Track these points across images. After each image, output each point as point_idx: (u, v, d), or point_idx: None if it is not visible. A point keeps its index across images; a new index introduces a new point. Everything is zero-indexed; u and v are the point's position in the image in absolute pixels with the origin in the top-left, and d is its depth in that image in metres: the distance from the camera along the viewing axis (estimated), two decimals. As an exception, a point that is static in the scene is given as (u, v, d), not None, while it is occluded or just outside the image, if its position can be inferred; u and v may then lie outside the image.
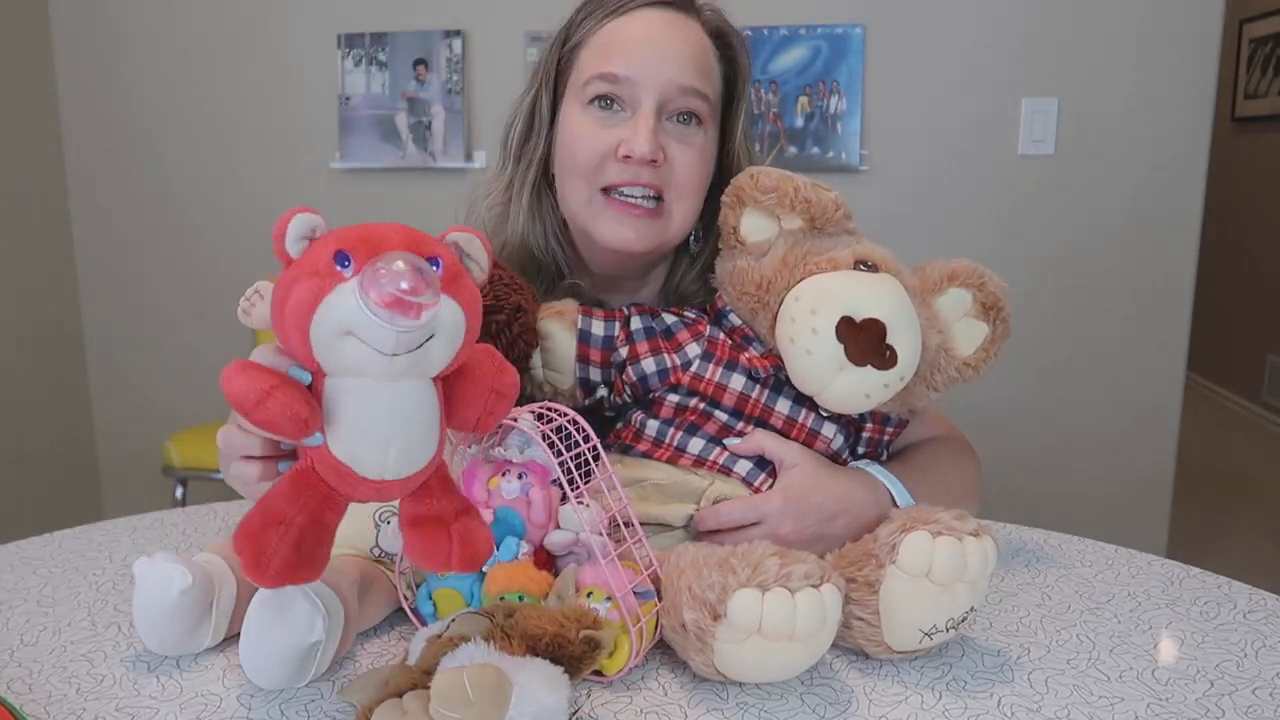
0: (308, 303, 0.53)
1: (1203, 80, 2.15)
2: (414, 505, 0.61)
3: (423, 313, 0.52)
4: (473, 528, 0.62)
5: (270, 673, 0.65)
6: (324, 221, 0.56)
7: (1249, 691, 0.70)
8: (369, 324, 0.52)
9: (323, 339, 0.53)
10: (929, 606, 0.70)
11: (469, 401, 0.60)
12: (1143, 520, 2.32)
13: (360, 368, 0.54)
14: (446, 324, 0.55)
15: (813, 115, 2.28)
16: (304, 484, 0.57)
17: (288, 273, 0.55)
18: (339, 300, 0.53)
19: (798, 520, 0.81)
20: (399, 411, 0.56)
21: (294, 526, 0.56)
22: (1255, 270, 4.26)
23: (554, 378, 0.91)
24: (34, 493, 2.56)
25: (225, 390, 0.53)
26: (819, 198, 0.85)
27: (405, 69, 2.40)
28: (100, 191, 2.63)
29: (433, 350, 0.55)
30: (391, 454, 0.56)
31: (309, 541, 0.57)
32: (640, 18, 0.93)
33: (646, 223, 0.93)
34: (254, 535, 0.56)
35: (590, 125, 0.92)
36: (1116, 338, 2.27)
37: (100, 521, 1.02)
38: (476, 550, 0.61)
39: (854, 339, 0.78)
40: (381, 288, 0.51)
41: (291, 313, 0.54)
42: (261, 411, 0.53)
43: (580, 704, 0.67)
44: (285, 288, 0.54)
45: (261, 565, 0.56)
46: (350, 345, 0.53)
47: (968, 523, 0.71)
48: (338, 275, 0.53)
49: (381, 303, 0.51)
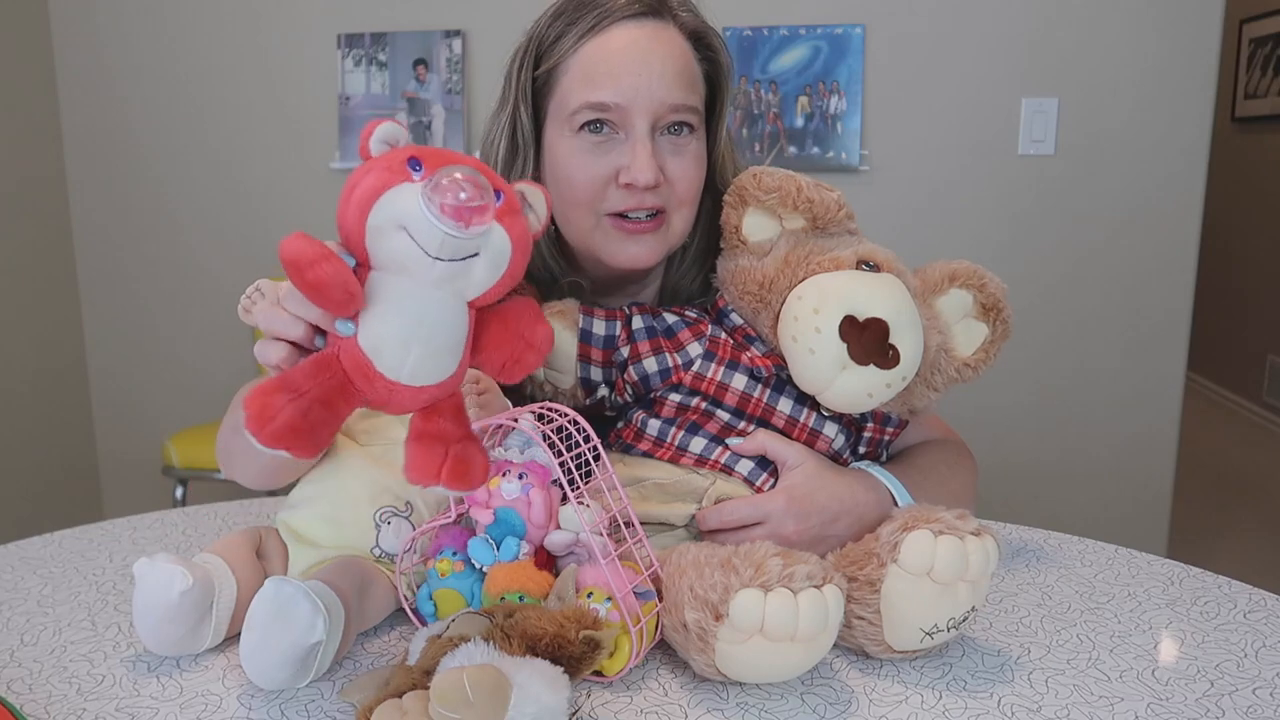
0: (374, 189, 0.57)
1: (1203, 80, 2.16)
2: (421, 421, 0.62)
3: (474, 224, 0.56)
4: (471, 452, 0.62)
5: (271, 673, 0.65)
6: (407, 136, 0.61)
7: (1249, 691, 0.70)
8: (422, 221, 0.56)
9: (377, 226, 0.57)
10: (930, 606, 0.70)
11: (498, 344, 0.62)
12: (1143, 520, 2.32)
13: (404, 263, 0.58)
14: (493, 247, 0.58)
15: (813, 115, 2.28)
16: (325, 365, 0.59)
17: (364, 166, 0.59)
18: (401, 195, 0.57)
19: (800, 520, 0.81)
20: (428, 317, 0.59)
21: (305, 396, 0.58)
22: (1255, 270, 4.26)
23: (555, 377, 0.91)
24: (34, 493, 2.56)
25: (283, 250, 0.55)
26: (821, 197, 0.85)
27: (405, 69, 2.40)
28: (100, 191, 2.63)
29: (475, 269, 0.58)
30: (411, 355, 0.58)
31: (315, 415, 0.58)
32: (619, 35, 0.90)
33: (652, 236, 0.92)
34: (264, 394, 0.57)
35: (584, 154, 0.90)
36: (1117, 338, 2.27)
37: (100, 521, 1.02)
38: (469, 470, 0.62)
39: (857, 338, 0.78)
40: (442, 190, 0.56)
41: (357, 198, 0.58)
42: (315, 271, 0.55)
43: (580, 704, 0.67)
44: (359, 176, 0.58)
45: (264, 420, 0.56)
46: (400, 239, 0.57)
47: (969, 522, 0.71)
48: (407, 174, 0.58)
49: (439, 204, 0.55)
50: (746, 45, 2.27)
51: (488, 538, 0.74)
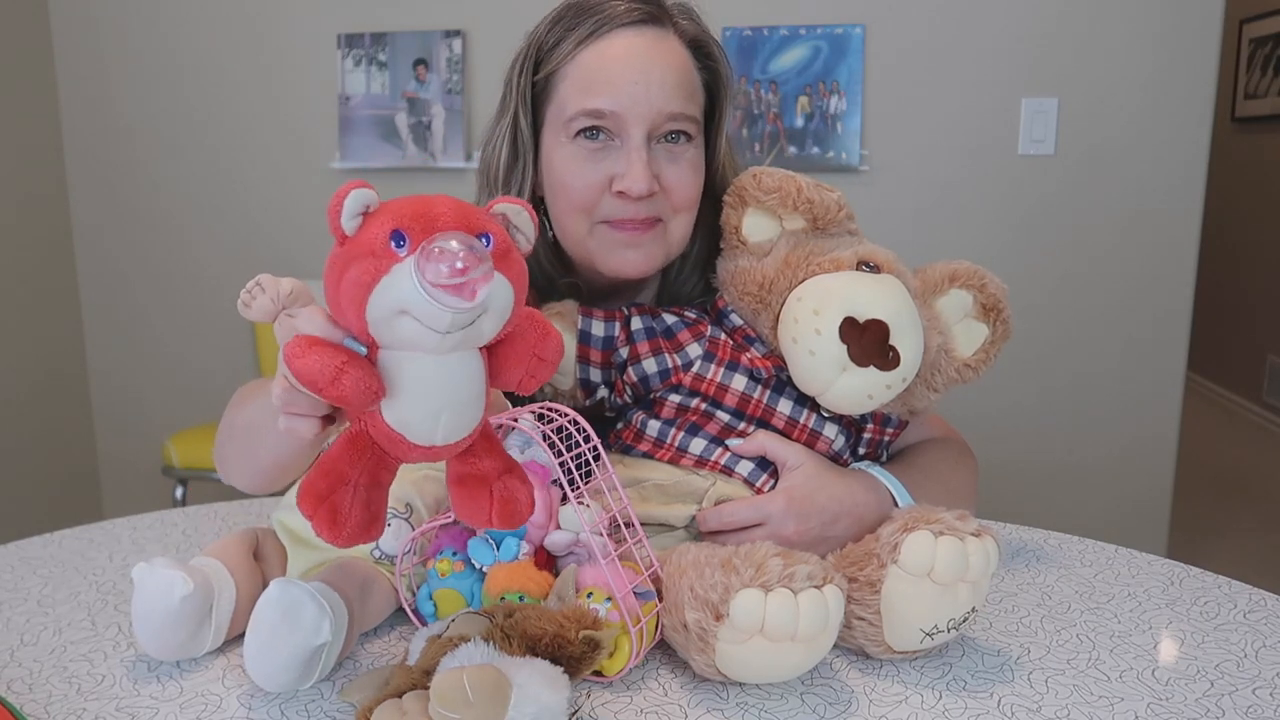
0: (365, 283, 0.54)
1: (1203, 80, 2.16)
2: (459, 465, 0.62)
3: (477, 294, 0.53)
4: (514, 486, 0.62)
5: (276, 676, 0.65)
6: (377, 196, 0.56)
7: (1249, 691, 0.70)
8: (425, 304, 0.53)
9: (379, 318, 0.54)
10: (930, 606, 0.70)
11: (511, 365, 0.61)
12: (1143, 520, 2.32)
13: (415, 344, 0.55)
14: (497, 300, 0.56)
15: (813, 115, 2.28)
16: (361, 446, 0.58)
17: (344, 250, 0.55)
18: (395, 281, 0.53)
19: (801, 521, 0.81)
20: (449, 383, 0.57)
21: (360, 487, 0.58)
22: (1255, 270, 4.26)
23: (554, 378, 0.90)
24: (34, 493, 2.56)
25: (294, 367, 0.54)
26: (821, 198, 0.85)
27: (405, 69, 2.40)
28: (100, 191, 2.63)
29: (483, 326, 0.56)
30: (441, 423, 0.58)
31: (375, 501, 0.59)
32: (618, 41, 0.89)
33: (649, 240, 0.91)
34: (324, 498, 0.57)
35: (579, 160, 0.90)
36: (1116, 338, 2.27)
37: (100, 521, 1.02)
38: (517, 507, 0.62)
39: (857, 340, 0.78)
40: (439, 271, 0.52)
41: (347, 291, 0.55)
42: (336, 388, 0.54)
43: (580, 704, 0.67)
44: (341, 267, 0.55)
45: (338, 525, 0.57)
46: (406, 324, 0.54)
47: (970, 523, 0.71)
48: (393, 255, 0.54)
49: (438, 285, 0.52)
50: (746, 45, 2.27)
51: (488, 538, 0.74)
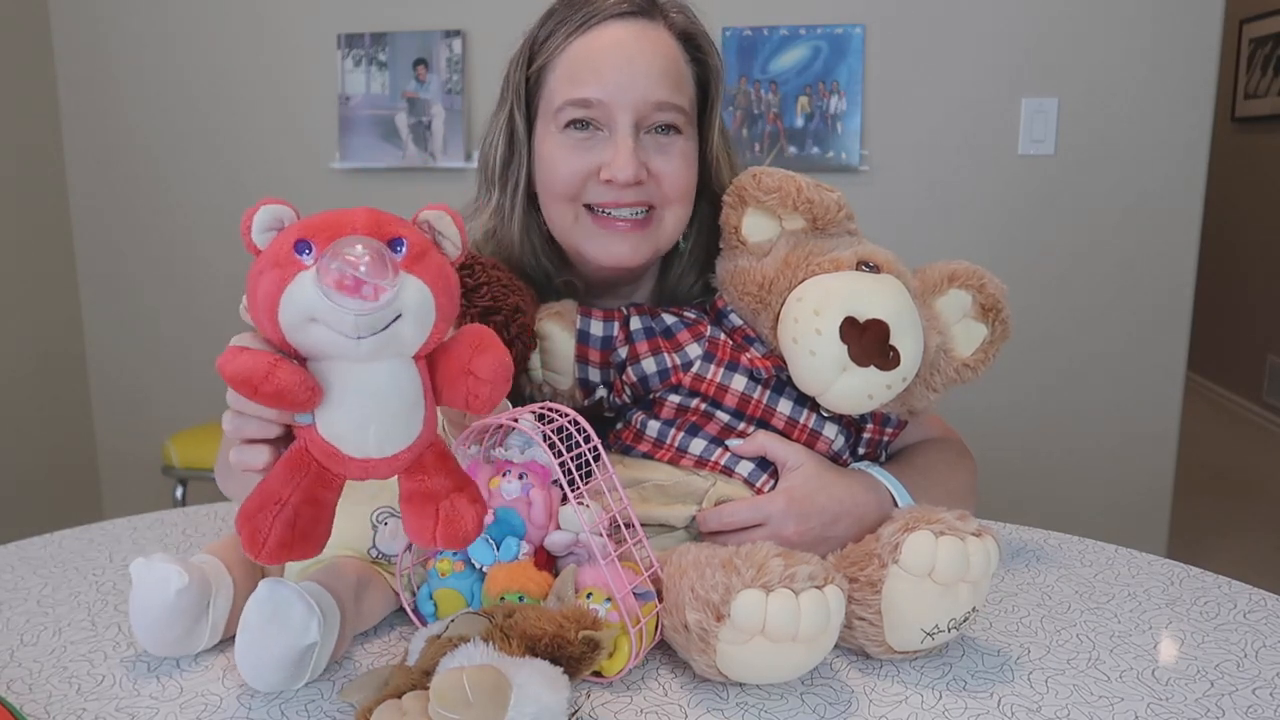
0: (272, 293, 0.55)
1: (1203, 80, 2.15)
2: (408, 481, 0.62)
3: (380, 294, 0.53)
4: (461, 506, 0.61)
5: (265, 675, 0.65)
6: (293, 213, 0.57)
7: (1249, 691, 0.70)
8: (328, 308, 0.53)
9: (290, 326, 0.55)
10: (931, 606, 0.70)
11: (448, 382, 0.60)
12: (1143, 520, 2.32)
13: (330, 350, 0.56)
14: (412, 304, 0.55)
15: (813, 115, 2.28)
16: (297, 464, 0.59)
17: (256, 265, 0.57)
18: (299, 288, 0.54)
19: (801, 522, 0.81)
20: (374, 391, 0.57)
21: (289, 505, 0.58)
22: (1255, 270, 4.26)
23: (553, 378, 0.91)
24: (34, 493, 2.56)
25: (228, 370, 0.55)
26: (821, 198, 0.85)
27: (405, 69, 2.40)
28: (100, 191, 2.62)
29: (402, 330, 0.56)
30: (371, 433, 0.58)
31: (304, 518, 0.59)
32: (606, 33, 0.90)
33: (638, 236, 0.92)
34: (250, 516, 0.58)
35: (567, 150, 0.90)
36: (1117, 338, 2.27)
37: (100, 521, 1.02)
38: (460, 529, 0.61)
39: (857, 340, 0.78)
40: (335, 272, 0.52)
41: (260, 303, 0.55)
42: (272, 382, 0.54)
43: (580, 704, 0.67)
44: (254, 280, 0.56)
45: (257, 543, 0.58)
46: (317, 330, 0.55)
47: (970, 523, 0.71)
48: (298, 264, 0.55)
49: (336, 286, 0.52)
50: (746, 45, 2.27)
51: (488, 538, 0.74)
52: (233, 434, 0.61)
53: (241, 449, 0.61)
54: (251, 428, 0.60)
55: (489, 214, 0.98)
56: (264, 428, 0.60)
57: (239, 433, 0.61)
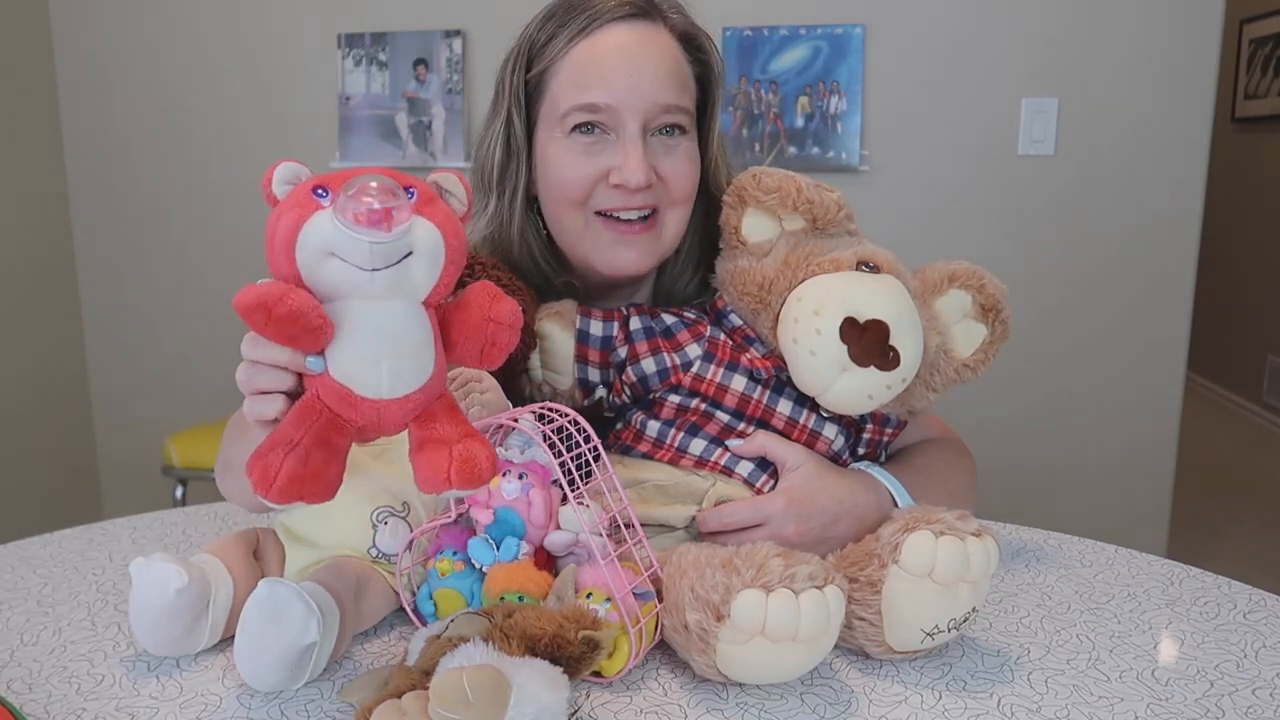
0: (291, 230, 0.57)
1: (1203, 80, 2.15)
2: (419, 430, 0.63)
3: (393, 224, 0.56)
4: (474, 448, 0.62)
5: (265, 675, 0.65)
6: (309, 170, 0.60)
7: (1249, 691, 0.70)
8: (344, 239, 0.56)
9: (308, 262, 0.57)
10: (931, 606, 0.70)
11: (467, 334, 0.62)
12: (1143, 520, 2.32)
13: (345, 285, 0.58)
14: (423, 242, 0.58)
15: (813, 115, 2.28)
16: (309, 410, 0.60)
17: (275, 211, 0.59)
18: (317, 223, 0.57)
19: (801, 522, 0.81)
20: (387, 328, 0.59)
21: (300, 445, 0.59)
22: (1255, 270, 4.26)
23: (553, 378, 0.91)
24: (34, 493, 2.56)
25: (242, 300, 0.56)
26: (821, 198, 0.85)
27: (405, 69, 2.40)
28: (100, 191, 2.62)
29: (413, 268, 0.58)
30: (385, 371, 0.59)
31: (315, 459, 0.59)
32: (609, 36, 0.90)
33: (645, 240, 0.92)
34: (261, 456, 0.59)
35: (575, 154, 0.90)
36: (1117, 338, 2.27)
37: (100, 521, 1.02)
38: (476, 467, 0.62)
39: (857, 340, 0.78)
40: (352, 204, 0.56)
41: (279, 242, 0.58)
42: (286, 303, 0.56)
43: (580, 704, 0.67)
44: (273, 223, 0.59)
45: (268, 479, 0.58)
46: (333, 264, 0.57)
47: (970, 523, 0.71)
48: (316, 204, 0.58)
49: (353, 218, 0.56)
50: (746, 45, 2.27)
51: (488, 537, 0.74)
52: (246, 384, 0.62)
53: (255, 399, 0.61)
54: (265, 378, 0.61)
55: (486, 219, 0.97)
56: (277, 378, 0.61)
57: (252, 383, 0.61)
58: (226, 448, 0.88)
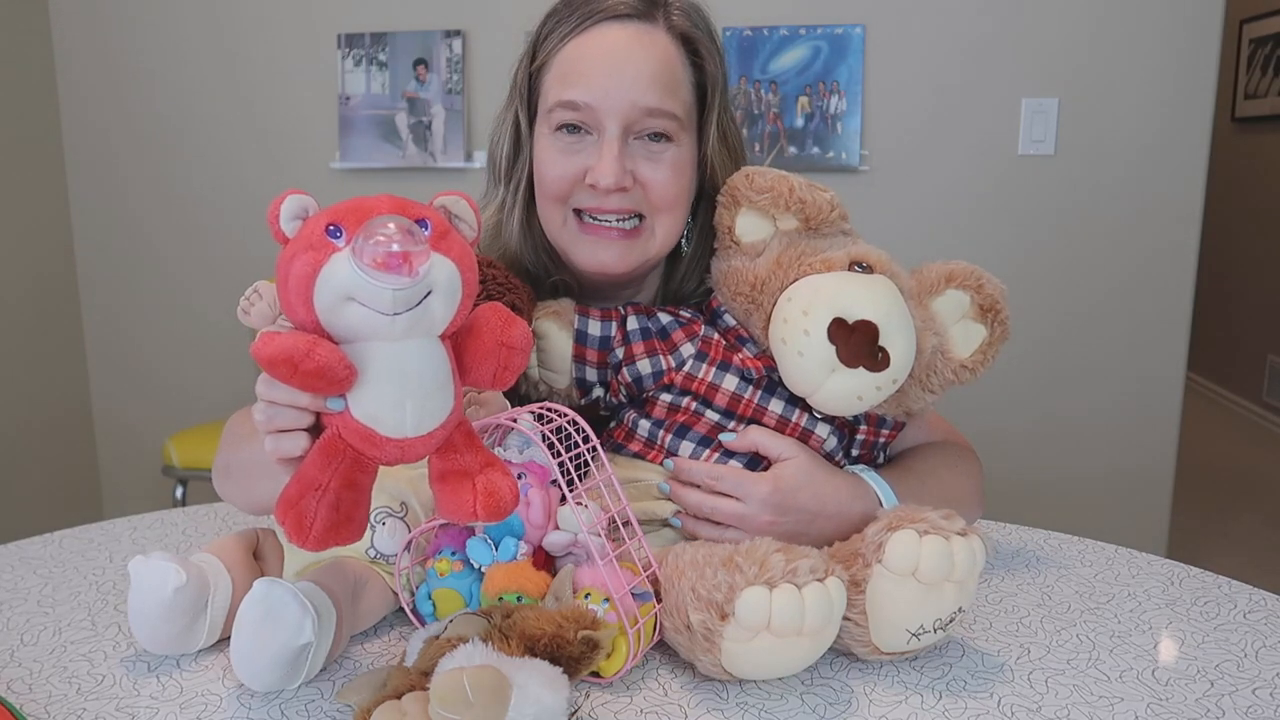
0: (307, 275, 0.56)
1: (1203, 80, 2.15)
2: (440, 461, 0.63)
3: (416, 269, 0.55)
4: (496, 479, 0.63)
5: (261, 675, 0.65)
6: (315, 202, 0.59)
7: (1249, 691, 0.70)
8: (365, 286, 0.55)
9: (326, 307, 0.56)
10: (916, 606, 0.69)
11: (480, 359, 0.62)
12: (1143, 520, 2.32)
13: (365, 330, 0.57)
14: (441, 280, 0.58)
15: (813, 115, 2.28)
16: (333, 451, 0.59)
17: (286, 251, 0.58)
18: (335, 268, 0.56)
19: (778, 513, 0.80)
20: (409, 369, 0.58)
21: (329, 490, 0.59)
22: (1255, 270, 4.26)
23: (550, 377, 0.90)
24: (34, 493, 2.56)
25: (266, 352, 0.55)
26: (814, 198, 0.85)
27: (405, 69, 2.40)
28: (100, 191, 2.62)
29: (432, 306, 0.58)
30: (408, 411, 0.59)
31: (346, 502, 0.60)
32: (599, 35, 0.89)
33: (625, 244, 0.91)
34: (293, 503, 0.59)
35: (556, 152, 0.90)
36: (1117, 338, 2.27)
37: (100, 521, 1.02)
38: (500, 500, 0.62)
39: (846, 341, 0.77)
40: (372, 249, 0.54)
41: (294, 287, 0.57)
42: (313, 359, 0.55)
43: (579, 704, 0.67)
44: (285, 265, 0.57)
45: (304, 529, 0.59)
46: (352, 309, 0.56)
47: (955, 522, 0.71)
48: (331, 246, 0.56)
49: (373, 264, 0.54)
50: (746, 45, 2.27)
51: (486, 538, 0.74)
52: (265, 424, 0.61)
53: (278, 438, 0.61)
54: (284, 418, 0.60)
55: (494, 208, 0.99)
56: (297, 417, 0.60)
57: (271, 423, 0.61)
58: (225, 452, 0.88)
